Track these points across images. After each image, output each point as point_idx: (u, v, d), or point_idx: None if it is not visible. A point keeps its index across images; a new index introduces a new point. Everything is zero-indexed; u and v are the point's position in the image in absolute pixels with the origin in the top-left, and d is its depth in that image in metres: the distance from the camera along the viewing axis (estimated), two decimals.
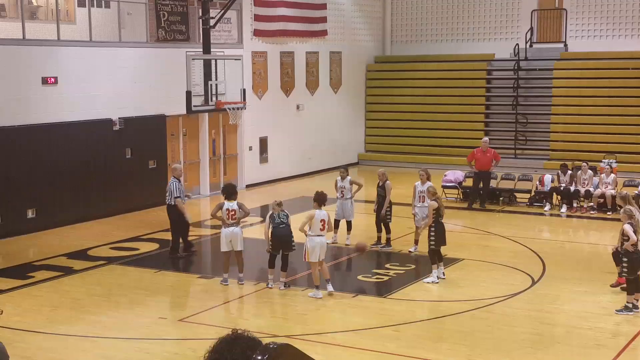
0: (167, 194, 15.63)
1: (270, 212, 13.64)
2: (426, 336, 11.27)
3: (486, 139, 21.98)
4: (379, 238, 16.46)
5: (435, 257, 13.95)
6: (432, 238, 13.89)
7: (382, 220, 16.24)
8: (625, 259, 12.13)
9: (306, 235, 13.12)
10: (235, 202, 13.81)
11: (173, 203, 15.53)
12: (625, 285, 12.71)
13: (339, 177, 16.85)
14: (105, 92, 19.53)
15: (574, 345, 10.85)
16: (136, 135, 20.26)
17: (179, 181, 15.72)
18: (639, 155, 25.22)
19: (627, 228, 12.06)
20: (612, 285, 13.21)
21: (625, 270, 12.14)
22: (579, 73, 27.08)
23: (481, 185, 20.79)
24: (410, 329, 11.56)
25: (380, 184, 16.25)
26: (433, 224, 13.90)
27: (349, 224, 16.65)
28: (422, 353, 10.57)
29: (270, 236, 13.49)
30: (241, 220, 13.93)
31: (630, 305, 12.17)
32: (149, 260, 15.78)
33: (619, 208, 13.77)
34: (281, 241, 13.47)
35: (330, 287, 13.13)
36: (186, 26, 21.83)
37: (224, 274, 13.88)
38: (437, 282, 13.78)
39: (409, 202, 16.96)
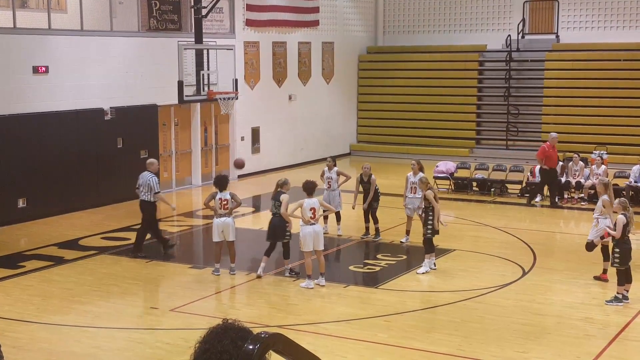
0: (145, 189, 14.79)
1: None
2: (417, 326, 11.29)
3: (554, 134, 20.58)
4: (367, 229, 16.48)
5: (431, 246, 13.95)
6: (430, 226, 13.88)
7: (370, 211, 16.24)
8: (616, 250, 12.17)
9: (297, 221, 13.22)
10: (227, 192, 13.83)
11: (154, 200, 14.89)
12: (605, 278, 12.94)
13: (326, 168, 16.75)
14: (96, 81, 19.46)
15: (564, 336, 10.90)
16: (128, 125, 20.20)
17: (157, 176, 14.99)
18: (630, 146, 25.28)
19: (620, 219, 12.06)
20: (595, 277, 13.28)
21: (616, 261, 12.18)
22: (570, 64, 27.11)
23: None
24: (402, 319, 11.58)
25: (365, 180, 16.22)
26: (430, 212, 13.87)
27: (337, 214, 16.61)
28: (414, 343, 10.60)
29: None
30: (233, 210, 13.94)
31: (620, 296, 12.22)
32: None
33: (599, 194, 13.76)
34: (274, 230, 13.53)
35: (322, 281, 13.15)
36: (178, 15, 21.75)
37: (216, 264, 13.89)
38: (428, 272, 13.81)
39: (400, 192, 16.97)
